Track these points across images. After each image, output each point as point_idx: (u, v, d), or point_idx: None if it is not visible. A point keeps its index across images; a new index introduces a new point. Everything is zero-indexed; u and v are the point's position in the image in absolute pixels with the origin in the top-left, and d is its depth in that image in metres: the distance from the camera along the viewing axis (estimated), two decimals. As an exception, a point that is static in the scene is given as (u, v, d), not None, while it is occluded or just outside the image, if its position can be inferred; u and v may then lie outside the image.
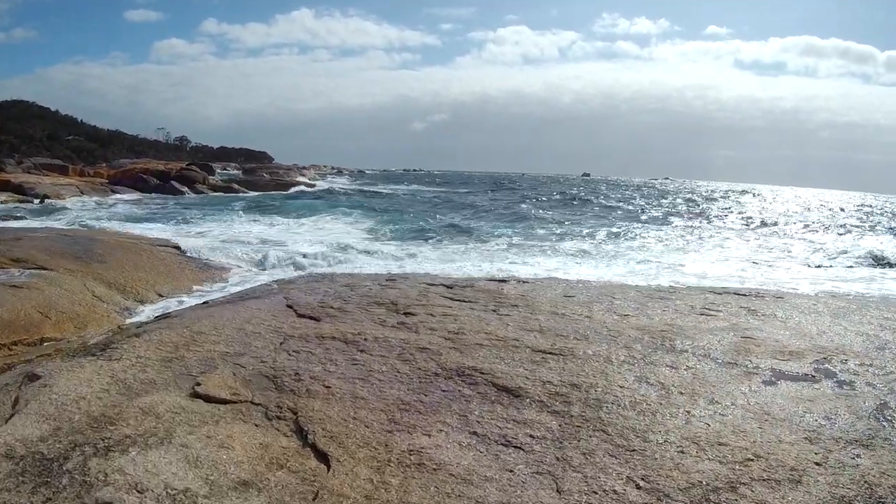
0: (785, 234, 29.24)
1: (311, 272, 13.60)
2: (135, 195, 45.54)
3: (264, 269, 14.57)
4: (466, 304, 7.79)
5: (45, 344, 8.13)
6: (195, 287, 12.15)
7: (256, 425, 4.29)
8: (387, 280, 9.86)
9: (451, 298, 8.13)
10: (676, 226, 32.00)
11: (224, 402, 4.60)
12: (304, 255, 16.82)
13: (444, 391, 4.83)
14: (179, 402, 4.50)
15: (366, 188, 66.17)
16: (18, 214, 27.42)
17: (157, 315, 9.25)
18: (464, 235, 24.54)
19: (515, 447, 3.87)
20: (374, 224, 28.77)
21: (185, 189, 50.18)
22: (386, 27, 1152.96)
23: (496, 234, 25.47)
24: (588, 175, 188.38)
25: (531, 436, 4.00)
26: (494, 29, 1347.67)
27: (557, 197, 56.31)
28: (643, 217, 36.99)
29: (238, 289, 11.55)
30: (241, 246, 17.65)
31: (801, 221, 36.88)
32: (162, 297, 11.21)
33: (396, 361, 5.53)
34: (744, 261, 18.83)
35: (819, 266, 18.06)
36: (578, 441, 3.92)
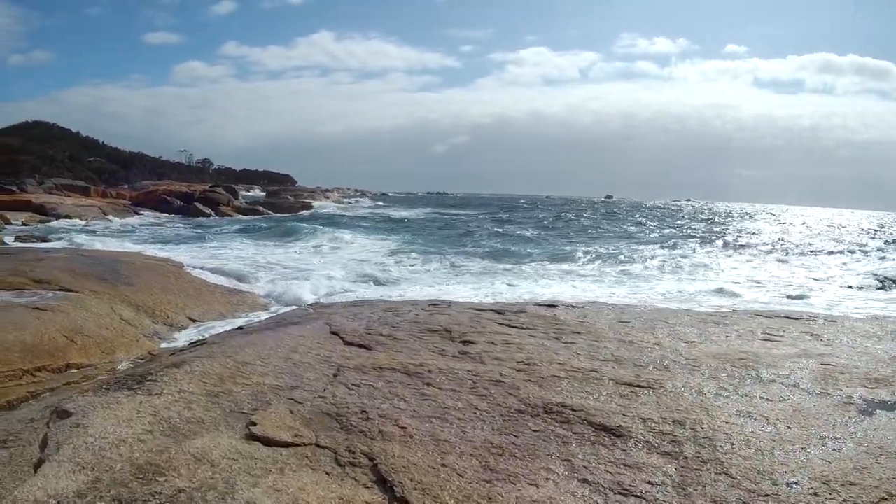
0: (811, 254, 28.52)
1: (345, 296, 13.22)
2: (158, 217, 45.39)
3: (296, 293, 13.96)
4: (525, 332, 7.21)
5: (71, 371, 7.61)
6: (226, 311, 11.62)
7: (328, 474, 3.70)
8: (430, 305, 9.30)
9: (507, 325, 7.56)
10: (708, 248, 31.27)
11: (285, 445, 4.02)
12: (332, 278, 16.51)
13: (535, 431, 4.29)
14: (235, 446, 3.92)
15: (390, 212, 65.51)
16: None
17: (191, 341, 8.76)
18: (489, 259, 23.97)
19: (636, 496, 3.39)
20: (400, 246, 28.33)
21: (209, 211, 49.94)
22: (406, 49, 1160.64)
23: (523, 256, 25.02)
24: (611, 197, 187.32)
25: (649, 482, 3.52)
26: (515, 50, 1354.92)
27: (588, 217, 55.53)
28: (671, 240, 36.33)
29: (270, 314, 11.15)
30: (269, 269, 17.26)
31: (825, 242, 36.09)
32: (193, 321, 10.67)
33: (471, 396, 4.96)
34: (778, 282, 18.41)
35: (850, 287, 17.42)
36: (703, 486, 3.46)
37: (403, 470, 3.73)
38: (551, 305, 9.19)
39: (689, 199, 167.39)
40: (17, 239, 24.92)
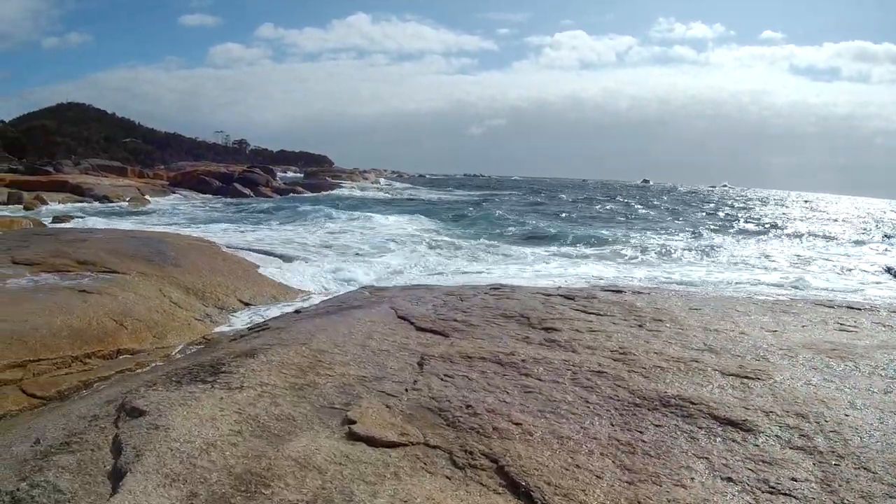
0: (853, 243, 27.79)
1: (396, 279, 12.97)
2: (197, 198, 45.29)
3: (348, 275, 13.61)
4: (605, 318, 6.79)
5: (122, 357, 7.24)
6: (277, 293, 11.22)
7: (448, 478, 3.32)
8: (492, 289, 8.90)
9: (582, 311, 7.11)
10: (749, 235, 30.69)
11: (392, 445, 3.62)
12: (379, 256, 16.43)
13: (658, 426, 3.96)
14: (338, 448, 3.52)
15: (428, 194, 64.96)
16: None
17: (248, 325, 8.38)
18: (528, 241, 23.65)
19: (785, 494, 3.16)
20: (439, 228, 27.97)
21: (247, 191, 49.76)
22: (443, 32, 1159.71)
23: (562, 238, 24.66)
24: (647, 182, 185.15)
25: (793, 479, 3.29)
26: (551, 34, 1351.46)
27: (625, 201, 55.00)
28: (712, 225, 35.80)
29: (323, 296, 10.81)
30: (315, 249, 16.93)
31: (867, 231, 35.33)
32: (245, 303, 10.26)
33: (577, 388, 4.57)
34: (824, 268, 18.18)
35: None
36: (847, 482, 3.25)
37: (536, 473, 3.35)
38: (618, 291, 8.75)
39: (724, 185, 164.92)
40: (56, 220, 24.75)
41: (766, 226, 35.67)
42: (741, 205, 62.19)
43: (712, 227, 33.86)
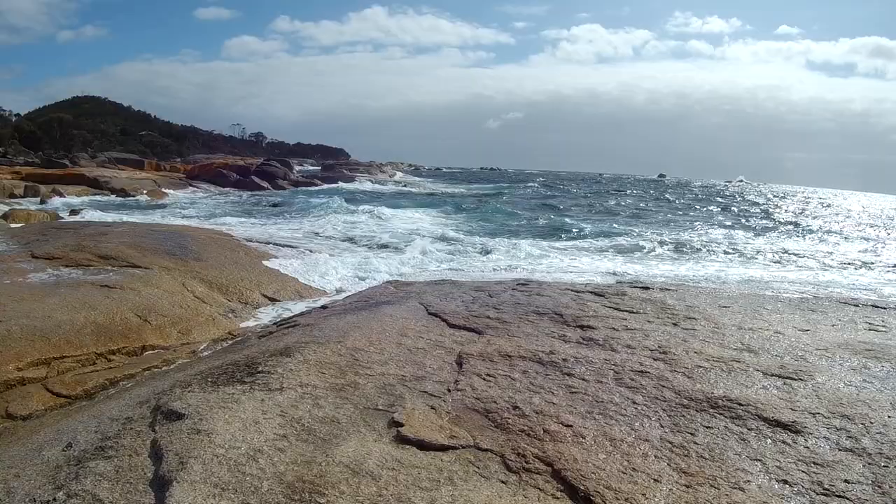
0: (868, 240, 27.53)
1: (419, 274, 12.87)
2: (215, 190, 45.36)
3: (368, 267, 13.58)
4: (639, 316, 6.68)
5: (147, 353, 7.18)
6: (300, 288, 11.14)
7: (504, 482, 3.21)
8: (519, 285, 8.80)
9: (615, 308, 7.01)
10: (765, 231, 30.46)
11: (443, 448, 3.52)
12: (400, 250, 16.43)
13: (708, 428, 3.87)
14: (389, 452, 3.41)
15: (445, 188, 64.70)
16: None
17: (275, 321, 8.33)
18: (546, 235, 23.66)
19: (839, 496, 3.12)
20: (457, 223, 27.92)
21: (265, 184, 49.76)
22: (460, 25, 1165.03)
23: (578, 233, 24.66)
24: (664, 176, 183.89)
25: (846, 481, 3.24)
26: (568, 27, 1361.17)
27: (641, 196, 54.83)
28: (729, 220, 35.66)
29: (347, 290, 10.85)
30: (337, 242, 16.97)
31: (882, 228, 35.04)
32: (269, 298, 10.18)
33: (622, 389, 4.48)
34: (843, 262, 18.28)
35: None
36: None
37: (594, 476, 3.26)
38: (645, 288, 8.63)
39: (741, 180, 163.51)
40: (72, 213, 24.75)
41: (783, 221, 35.47)
42: (758, 200, 61.69)
43: (728, 222, 33.68)
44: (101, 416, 4.30)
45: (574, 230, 25.35)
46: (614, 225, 28.10)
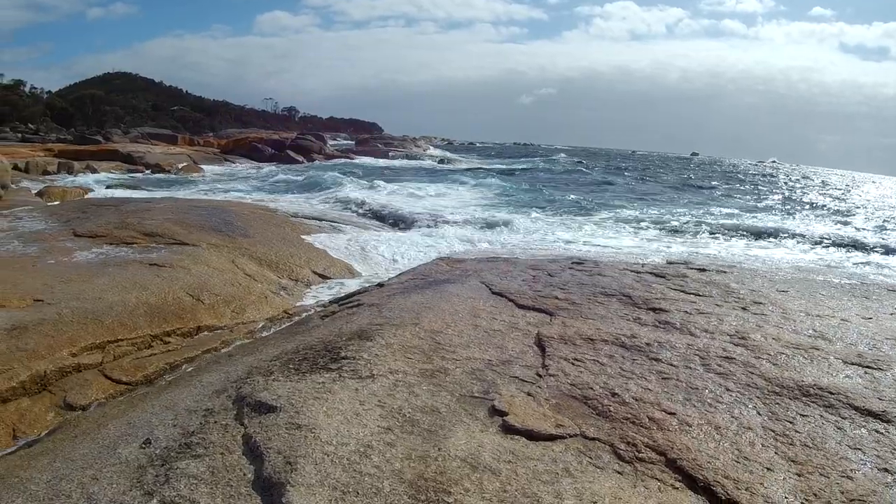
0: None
1: (466, 250, 12.58)
2: (250, 164, 45.35)
3: (414, 241, 13.55)
4: (707, 300, 6.57)
5: (203, 334, 7.04)
6: (349, 263, 11.07)
7: (619, 473, 3.14)
8: (575, 263, 8.69)
9: (681, 291, 6.89)
10: (800, 213, 30.07)
11: (551, 438, 3.44)
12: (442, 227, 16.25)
13: (804, 416, 3.81)
14: (501, 444, 3.33)
15: (486, 163, 64.02)
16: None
17: (332, 300, 8.23)
18: (581, 212, 23.42)
19: None
20: (495, 199, 27.62)
21: (300, 158, 49.63)
22: (492, 0, 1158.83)
23: (614, 210, 24.39)
24: (696, 154, 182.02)
25: None
26: (601, 4, 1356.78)
27: (677, 174, 54.37)
28: (763, 203, 35.32)
29: (398, 267, 10.85)
30: (380, 217, 16.90)
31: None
32: (319, 275, 10.10)
33: (712, 375, 4.40)
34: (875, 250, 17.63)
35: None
36: None
37: (709, 466, 3.20)
38: (702, 269, 8.45)
39: (773, 161, 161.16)
40: (109, 188, 24.74)
41: (818, 205, 34.93)
42: (794, 182, 60.89)
43: (764, 204, 33.30)
44: (176, 408, 4.10)
45: (615, 207, 25.23)
46: (657, 204, 28.11)
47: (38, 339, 5.62)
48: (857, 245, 17.90)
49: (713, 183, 47.97)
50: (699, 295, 6.73)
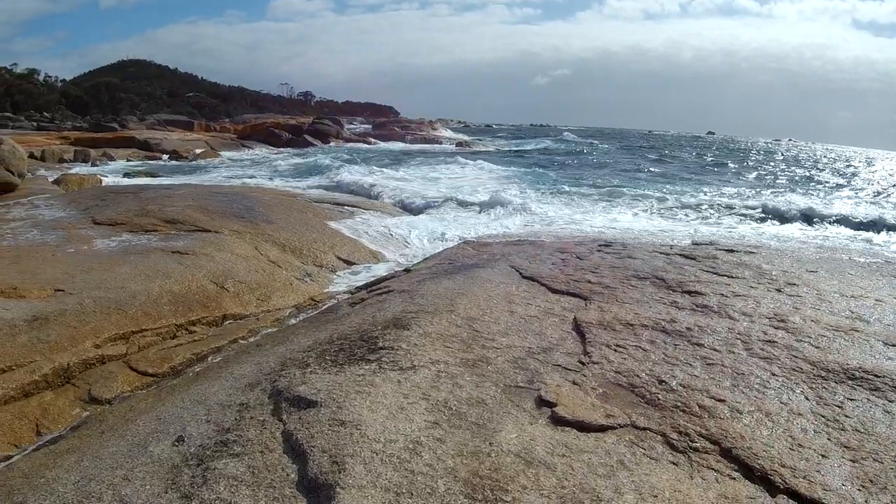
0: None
1: (487, 229, 12.68)
2: (267, 150, 45.37)
3: (436, 225, 13.54)
4: (741, 281, 6.46)
5: (228, 323, 6.94)
6: (373, 248, 11.00)
7: (675, 464, 3.08)
8: (602, 245, 8.59)
9: (713, 273, 6.79)
10: (818, 191, 29.89)
11: (602, 429, 3.38)
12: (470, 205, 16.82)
13: (852, 400, 3.78)
14: (552, 436, 3.25)
15: (504, 145, 63.66)
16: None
17: (359, 287, 8.18)
18: (603, 193, 23.11)
19: None
20: (520, 178, 27.80)
21: (318, 143, 49.78)
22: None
23: (632, 190, 24.40)
24: (712, 133, 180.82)
25: None
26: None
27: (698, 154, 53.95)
28: (784, 181, 35.07)
29: (423, 251, 10.83)
30: (406, 201, 16.89)
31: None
32: (343, 261, 10.03)
33: (756, 360, 4.33)
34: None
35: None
36: None
37: (765, 454, 3.14)
38: (730, 250, 8.33)
39: (790, 139, 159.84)
40: (126, 175, 24.74)
41: (836, 185, 34.58)
42: (811, 162, 60.26)
43: (779, 183, 33.06)
44: (207, 402, 3.97)
45: (631, 188, 25.01)
46: (679, 184, 27.93)
47: (60, 330, 5.54)
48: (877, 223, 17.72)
49: (730, 164, 47.56)
50: (732, 277, 6.63)
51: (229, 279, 7.82)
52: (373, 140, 55.39)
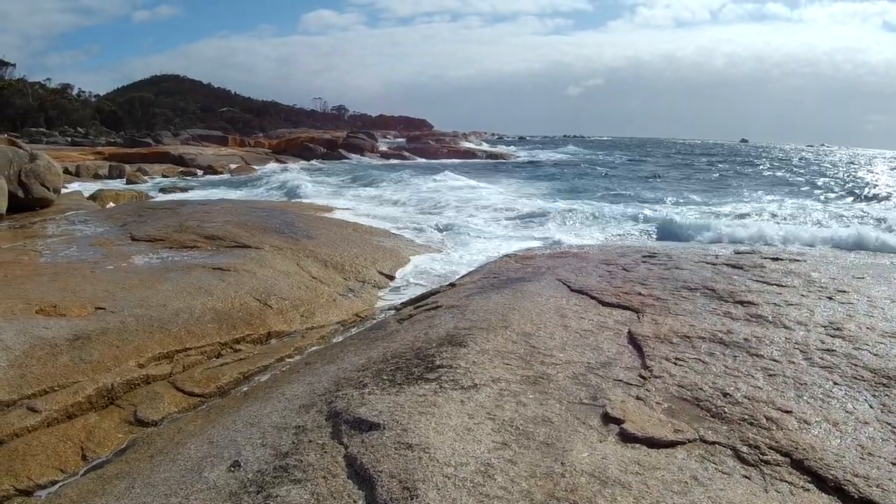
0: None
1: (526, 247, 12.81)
2: (302, 164, 45.73)
3: (470, 238, 13.61)
4: (791, 290, 6.41)
5: (272, 341, 6.85)
6: (417, 263, 11.00)
7: (747, 478, 3.07)
8: (646, 257, 8.53)
9: (763, 282, 6.73)
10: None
11: (671, 444, 3.37)
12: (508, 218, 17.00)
13: None
14: (623, 454, 3.24)
15: (537, 156, 63.71)
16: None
17: (404, 302, 8.24)
18: (631, 201, 23.85)
19: None
20: (556, 191, 27.99)
21: (353, 157, 50.04)
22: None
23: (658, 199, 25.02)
24: (746, 141, 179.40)
25: None
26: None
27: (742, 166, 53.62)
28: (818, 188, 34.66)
29: (466, 265, 10.83)
30: (439, 214, 16.86)
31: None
32: (387, 276, 10.06)
33: (816, 369, 4.32)
34: None
35: None
36: None
37: (837, 465, 3.13)
38: (776, 259, 8.23)
39: (823, 144, 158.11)
40: (162, 191, 24.92)
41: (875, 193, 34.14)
42: (844, 169, 59.49)
43: (810, 190, 32.76)
44: (261, 424, 3.88)
45: (669, 199, 25.03)
46: (719, 197, 27.73)
47: (102, 349, 5.49)
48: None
49: (764, 171, 47.25)
50: (782, 286, 6.58)
51: (272, 296, 7.81)
52: (408, 154, 55.23)
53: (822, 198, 26.24)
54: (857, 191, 28.50)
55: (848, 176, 39.13)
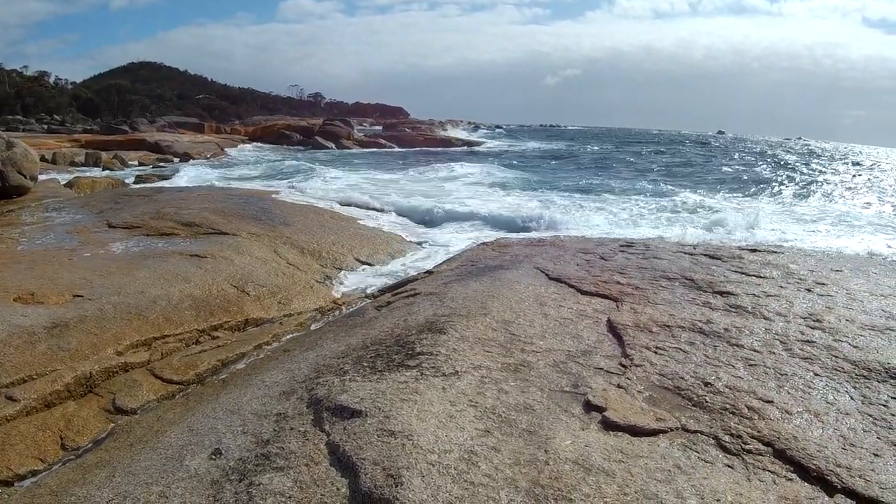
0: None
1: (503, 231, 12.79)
2: (279, 152, 45.33)
3: (453, 226, 13.65)
4: (770, 281, 6.47)
5: (250, 328, 6.76)
6: (394, 251, 10.90)
7: (730, 467, 3.09)
8: (623, 246, 8.57)
9: (741, 273, 6.78)
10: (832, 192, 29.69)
11: (653, 433, 3.37)
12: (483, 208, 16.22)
13: (895, 398, 3.82)
14: (606, 442, 3.23)
15: (516, 146, 63.24)
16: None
17: (381, 289, 8.21)
18: (627, 192, 23.15)
19: None
20: (535, 179, 27.85)
21: (330, 144, 49.76)
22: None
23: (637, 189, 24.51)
24: (723, 133, 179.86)
25: None
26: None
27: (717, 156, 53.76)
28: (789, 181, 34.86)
29: (443, 253, 10.63)
30: (425, 205, 16.73)
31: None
32: (362, 262, 9.93)
33: (797, 360, 4.36)
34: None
35: None
36: None
37: (819, 455, 3.16)
38: (754, 250, 8.30)
39: (800, 138, 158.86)
40: (138, 179, 24.63)
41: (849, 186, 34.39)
42: (823, 163, 59.87)
43: (783, 184, 32.89)
44: (241, 411, 3.85)
45: (649, 190, 24.94)
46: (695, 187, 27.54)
47: (80, 337, 5.40)
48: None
49: (734, 164, 47.44)
50: (760, 276, 6.63)
51: (250, 283, 7.71)
52: (384, 142, 54.91)
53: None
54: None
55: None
